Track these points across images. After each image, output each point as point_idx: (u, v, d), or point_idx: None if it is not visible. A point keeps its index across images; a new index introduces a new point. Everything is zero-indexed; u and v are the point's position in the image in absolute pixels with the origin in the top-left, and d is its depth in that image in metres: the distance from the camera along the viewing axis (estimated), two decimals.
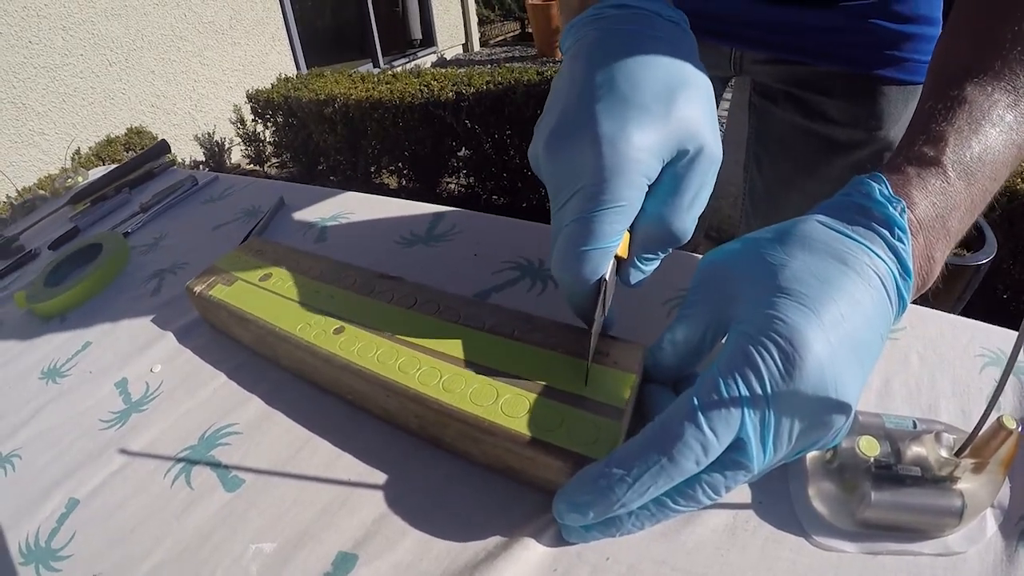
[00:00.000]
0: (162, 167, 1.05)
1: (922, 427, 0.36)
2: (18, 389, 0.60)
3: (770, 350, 0.30)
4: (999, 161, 0.37)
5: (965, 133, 0.36)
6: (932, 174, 0.35)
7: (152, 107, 3.69)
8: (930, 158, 0.36)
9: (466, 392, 0.40)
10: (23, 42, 2.97)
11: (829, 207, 0.36)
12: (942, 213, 0.35)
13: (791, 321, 0.30)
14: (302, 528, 0.40)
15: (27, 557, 0.43)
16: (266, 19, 4.32)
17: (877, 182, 0.35)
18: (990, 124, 0.36)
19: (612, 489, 0.31)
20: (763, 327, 0.31)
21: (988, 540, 0.34)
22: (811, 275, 0.32)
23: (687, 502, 0.32)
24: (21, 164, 3.05)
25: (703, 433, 0.29)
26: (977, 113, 0.37)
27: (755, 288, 0.33)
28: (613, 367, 0.41)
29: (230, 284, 0.56)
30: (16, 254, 0.88)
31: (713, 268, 0.37)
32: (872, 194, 0.34)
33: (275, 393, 0.51)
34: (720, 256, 0.37)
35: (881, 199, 0.34)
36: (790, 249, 0.33)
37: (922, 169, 0.35)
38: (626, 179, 0.35)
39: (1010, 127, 0.37)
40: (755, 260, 0.34)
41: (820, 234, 0.34)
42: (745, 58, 0.79)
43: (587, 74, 0.38)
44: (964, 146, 0.36)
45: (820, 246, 0.33)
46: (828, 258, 0.32)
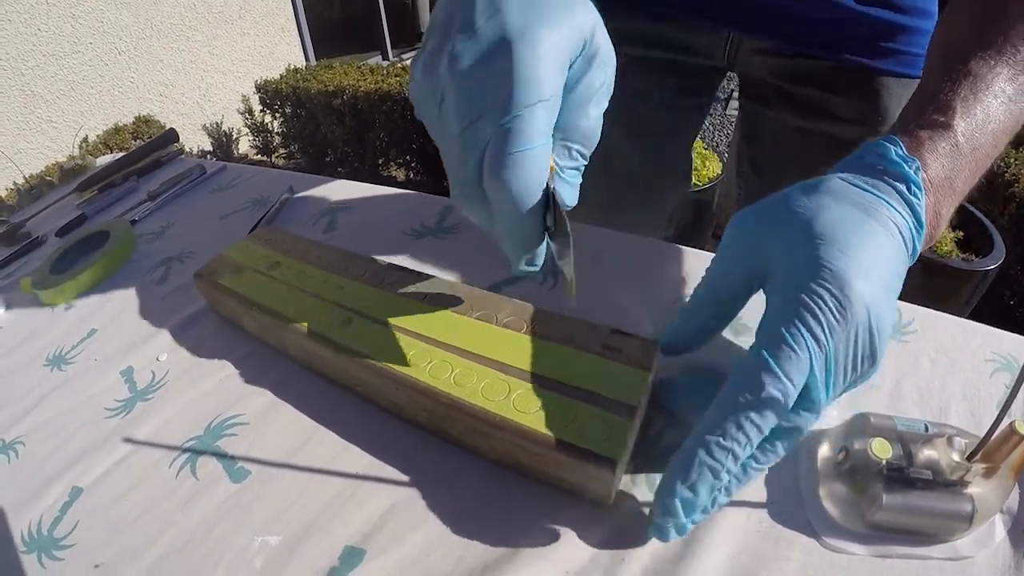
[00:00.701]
0: (170, 156, 1.05)
1: (934, 430, 0.36)
2: (23, 376, 0.60)
3: (824, 297, 0.32)
4: (1000, 129, 0.40)
5: (971, 102, 0.39)
6: (942, 138, 0.38)
7: (160, 96, 3.69)
8: (941, 123, 0.38)
9: (477, 386, 0.40)
10: (32, 30, 2.97)
11: (846, 166, 0.39)
12: (950, 175, 0.38)
13: (837, 268, 0.32)
14: (308, 521, 0.40)
15: (29, 546, 0.43)
16: (276, 10, 4.31)
17: (892, 144, 0.37)
18: (992, 96, 0.39)
19: (715, 459, 0.32)
20: (813, 275, 0.33)
21: (997, 545, 0.34)
22: (842, 223, 0.34)
23: (767, 458, 0.34)
24: (29, 151, 3.06)
25: (782, 382, 0.31)
26: (981, 85, 0.39)
27: (792, 239, 0.35)
28: (626, 364, 0.40)
29: (238, 273, 0.56)
30: (23, 241, 0.88)
31: (744, 223, 0.38)
32: (887, 155, 0.37)
33: (282, 384, 0.51)
34: (751, 212, 0.39)
35: (896, 159, 0.36)
36: (819, 200, 0.35)
37: (933, 133, 0.38)
38: (547, 71, 0.33)
39: (1010, 99, 0.40)
40: (787, 213, 0.36)
41: (843, 189, 0.36)
42: (742, 47, 0.77)
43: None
44: (970, 114, 0.39)
45: (845, 199, 0.35)
46: (853, 208, 0.35)
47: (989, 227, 2.00)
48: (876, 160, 0.37)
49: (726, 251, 0.39)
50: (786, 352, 0.31)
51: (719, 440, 0.32)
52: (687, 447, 0.33)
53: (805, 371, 0.31)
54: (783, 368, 0.31)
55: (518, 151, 0.32)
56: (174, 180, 0.92)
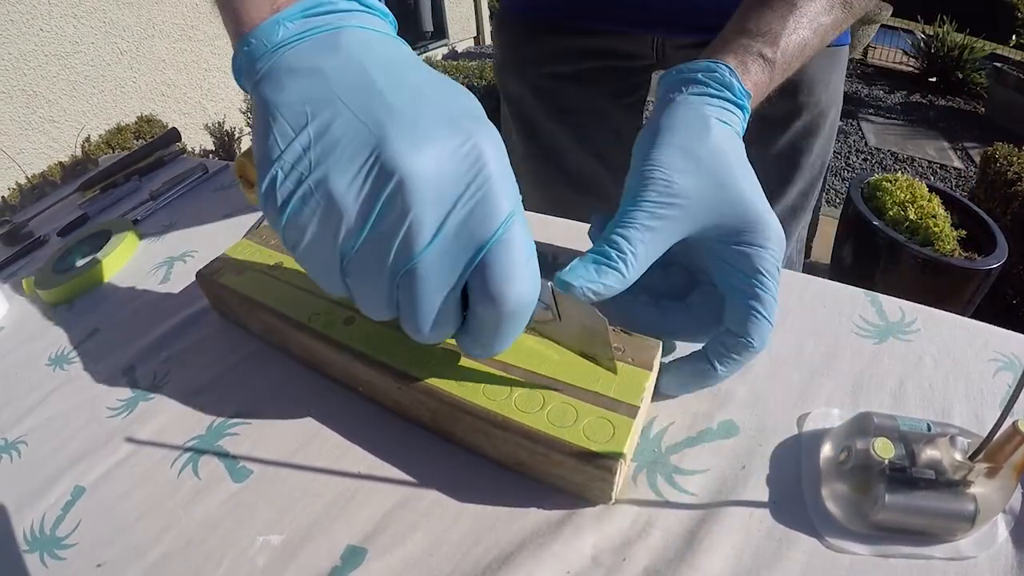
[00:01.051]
0: (172, 155, 1.05)
1: (936, 430, 0.36)
2: (25, 375, 0.60)
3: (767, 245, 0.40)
4: (810, 52, 0.51)
5: (792, 36, 0.48)
6: (766, 70, 0.47)
7: (162, 96, 3.69)
8: (768, 58, 0.47)
9: (479, 386, 0.40)
10: (34, 30, 2.97)
11: (706, 85, 0.44)
12: (765, 91, 0.48)
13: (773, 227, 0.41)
14: (311, 520, 0.40)
15: (32, 545, 0.43)
16: None
17: (735, 79, 0.44)
18: (810, 28, 0.49)
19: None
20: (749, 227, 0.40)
21: (999, 545, 0.34)
22: (742, 171, 0.42)
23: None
24: (31, 151, 3.06)
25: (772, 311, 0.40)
26: (803, 20, 0.49)
27: (730, 207, 0.41)
28: (629, 364, 0.40)
29: (240, 273, 0.56)
30: (25, 240, 0.88)
31: (675, 188, 0.41)
32: (734, 90, 0.44)
33: (285, 383, 0.51)
34: (677, 172, 0.41)
35: (740, 96, 0.45)
36: (724, 159, 0.41)
37: (761, 66, 0.47)
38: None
39: (825, 28, 0.51)
40: (710, 174, 0.41)
41: (728, 140, 0.42)
42: (668, 44, 0.79)
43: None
44: (790, 48, 0.48)
45: (730, 150, 0.42)
46: (735, 151, 0.42)
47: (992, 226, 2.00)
48: (726, 91, 0.44)
49: (660, 210, 0.40)
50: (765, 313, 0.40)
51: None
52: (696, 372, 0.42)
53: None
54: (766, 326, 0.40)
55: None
56: (176, 179, 0.92)
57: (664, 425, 0.43)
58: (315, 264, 0.33)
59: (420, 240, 0.30)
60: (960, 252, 1.93)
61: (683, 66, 0.46)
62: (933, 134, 4.15)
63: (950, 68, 4.81)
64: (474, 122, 0.32)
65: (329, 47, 0.32)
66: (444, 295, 0.32)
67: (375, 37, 0.34)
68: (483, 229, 0.31)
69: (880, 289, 0.53)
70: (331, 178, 0.30)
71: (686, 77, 0.45)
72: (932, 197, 2.07)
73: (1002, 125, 4.09)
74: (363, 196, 0.30)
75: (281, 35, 0.33)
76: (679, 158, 0.40)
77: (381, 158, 0.29)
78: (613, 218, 0.40)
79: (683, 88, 0.45)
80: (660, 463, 0.41)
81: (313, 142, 0.30)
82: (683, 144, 0.41)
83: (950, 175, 3.64)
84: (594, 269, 0.38)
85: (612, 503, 0.38)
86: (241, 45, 0.34)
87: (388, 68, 0.32)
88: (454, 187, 0.30)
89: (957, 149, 3.94)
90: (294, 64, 0.32)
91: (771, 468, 0.40)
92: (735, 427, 0.42)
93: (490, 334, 0.34)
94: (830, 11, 0.50)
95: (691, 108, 0.43)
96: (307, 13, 0.33)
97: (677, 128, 0.42)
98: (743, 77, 0.45)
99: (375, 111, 0.30)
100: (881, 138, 4.07)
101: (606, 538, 0.37)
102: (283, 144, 0.30)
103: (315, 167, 0.30)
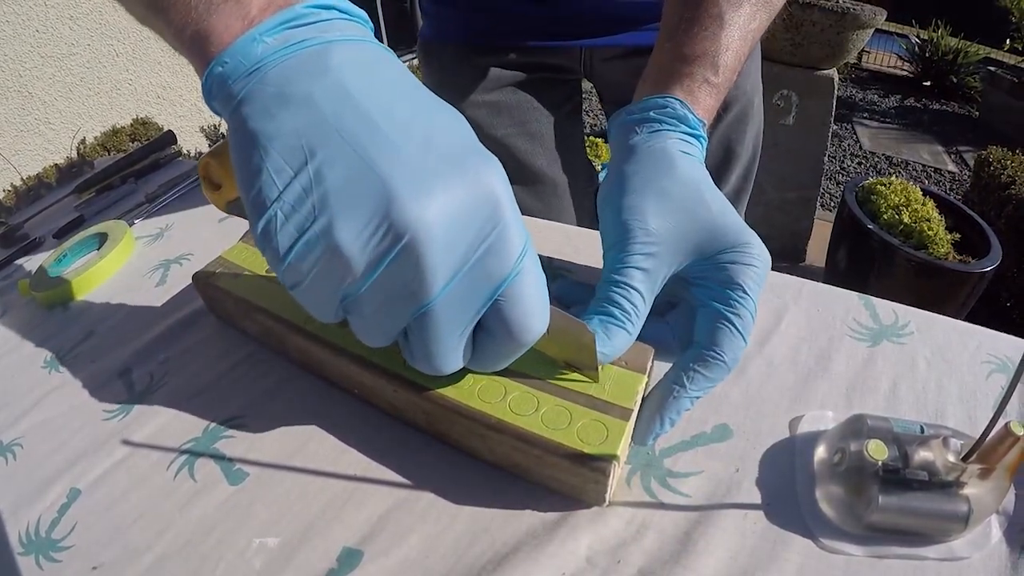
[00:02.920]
0: (168, 158, 1.05)
1: (930, 432, 0.36)
2: (20, 378, 0.60)
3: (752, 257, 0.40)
4: (743, 61, 0.51)
5: (728, 53, 0.48)
6: (712, 94, 0.48)
7: (158, 98, 3.68)
8: (713, 83, 0.48)
9: (474, 388, 0.40)
10: (30, 31, 2.96)
11: (663, 124, 0.45)
12: (712, 114, 0.49)
13: (751, 240, 0.41)
14: (307, 523, 0.40)
15: (27, 547, 0.43)
16: None
17: (688, 111, 0.46)
18: (741, 39, 0.49)
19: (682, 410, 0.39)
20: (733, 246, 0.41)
21: (993, 546, 0.35)
22: (712, 200, 0.42)
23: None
24: (26, 152, 3.05)
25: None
26: (734, 31, 0.49)
27: (706, 232, 0.41)
28: (623, 367, 0.41)
29: (237, 275, 0.55)
30: (20, 242, 0.88)
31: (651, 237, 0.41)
32: (688, 122, 0.45)
33: (281, 386, 0.51)
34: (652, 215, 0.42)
35: (696, 126, 0.46)
36: (692, 189, 0.42)
37: (708, 91, 0.47)
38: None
39: (754, 34, 0.51)
40: (684, 210, 0.42)
41: (692, 172, 0.43)
42: (595, 56, 0.81)
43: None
44: (728, 63, 0.48)
45: (696, 181, 0.43)
46: (708, 182, 0.43)
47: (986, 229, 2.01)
48: (681, 125, 0.45)
49: (646, 261, 0.40)
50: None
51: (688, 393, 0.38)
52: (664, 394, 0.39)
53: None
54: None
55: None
56: (173, 182, 0.92)
57: None
58: (313, 301, 0.32)
59: (433, 288, 0.29)
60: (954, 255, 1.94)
61: (632, 107, 0.47)
62: (927, 138, 4.16)
63: (944, 72, 4.83)
64: (477, 156, 0.31)
65: (318, 70, 0.30)
66: (457, 334, 0.32)
67: (365, 55, 0.32)
68: (499, 269, 0.30)
69: (874, 292, 0.53)
70: (337, 229, 0.28)
71: (638, 118, 0.46)
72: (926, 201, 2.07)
73: (996, 129, 4.10)
74: (371, 249, 0.28)
75: (260, 52, 0.30)
76: (651, 200, 0.41)
77: (391, 214, 0.28)
78: (603, 275, 0.41)
79: (638, 129, 0.45)
80: (654, 466, 0.41)
81: (314, 184, 0.28)
82: (652, 185, 0.42)
83: (944, 179, 3.66)
84: (604, 333, 0.39)
85: (607, 505, 0.38)
86: (213, 66, 0.31)
87: (385, 96, 0.31)
88: (467, 233, 0.29)
89: (951, 153, 3.95)
90: (283, 88, 0.29)
91: (765, 470, 0.40)
92: (729, 430, 0.43)
93: (501, 360, 0.35)
94: (754, 16, 0.51)
95: (651, 147, 0.44)
96: (287, 25, 0.31)
97: (642, 171, 0.43)
98: (694, 107, 0.46)
99: (377, 152, 0.28)
100: (875, 142, 4.08)
101: (601, 540, 0.37)
102: (281, 184, 0.28)
103: (319, 214, 0.28)
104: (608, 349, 0.38)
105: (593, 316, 0.39)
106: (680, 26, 0.49)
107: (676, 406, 0.38)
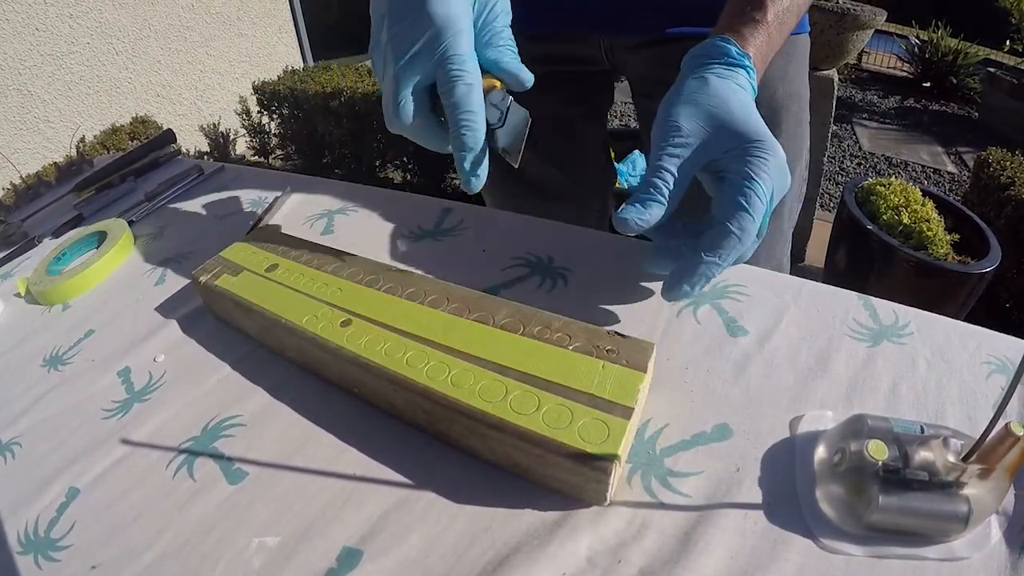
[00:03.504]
0: (167, 156, 1.05)
1: (930, 432, 0.36)
2: (19, 376, 0.60)
3: (764, 154, 0.47)
4: (800, 7, 0.59)
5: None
6: (759, 32, 0.55)
7: (157, 97, 3.68)
8: (757, 20, 0.55)
9: (475, 388, 0.40)
10: (30, 29, 2.96)
11: (703, 60, 0.53)
12: (765, 52, 0.56)
13: (759, 132, 0.48)
14: (306, 522, 0.40)
15: (26, 547, 0.43)
16: (274, 11, 4.30)
17: (731, 44, 0.53)
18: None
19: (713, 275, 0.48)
20: (751, 143, 0.48)
21: (993, 546, 0.34)
22: (744, 107, 0.49)
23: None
24: (25, 151, 3.05)
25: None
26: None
27: (726, 128, 0.49)
28: (623, 365, 0.41)
29: (236, 274, 0.56)
30: (19, 240, 0.88)
31: (678, 124, 0.49)
32: (731, 54, 0.52)
33: (280, 385, 0.51)
34: (680, 114, 0.50)
35: (738, 56, 0.53)
36: (726, 97, 0.50)
37: (754, 29, 0.55)
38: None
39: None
40: (710, 115, 0.49)
41: (725, 85, 0.51)
42: (615, 47, 0.80)
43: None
44: (777, 5, 0.56)
45: (732, 90, 0.50)
46: (739, 92, 0.51)
47: (985, 230, 2.01)
48: (724, 57, 0.52)
49: (677, 150, 0.48)
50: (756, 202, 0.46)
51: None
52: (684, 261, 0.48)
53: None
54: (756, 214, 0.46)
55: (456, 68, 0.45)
56: (172, 181, 0.92)
57: (658, 428, 0.43)
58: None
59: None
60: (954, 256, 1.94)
61: (693, 48, 0.55)
62: (927, 139, 4.16)
63: (944, 73, 4.83)
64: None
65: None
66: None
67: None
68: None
69: (874, 293, 0.53)
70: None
71: (692, 55, 0.55)
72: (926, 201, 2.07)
73: (996, 130, 4.10)
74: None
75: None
76: (685, 107, 0.50)
77: None
78: (647, 167, 0.50)
79: (691, 64, 0.54)
80: (654, 465, 0.41)
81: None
82: (688, 98, 0.50)
83: (944, 179, 3.65)
84: (640, 206, 0.47)
85: (607, 504, 0.38)
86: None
87: None
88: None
89: (951, 154, 3.95)
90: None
91: (765, 470, 0.40)
92: (729, 430, 0.43)
93: None
94: None
95: (695, 74, 0.52)
96: None
97: (684, 90, 0.51)
98: (738, 41, 0.53)
99: None
100: (875, 142, 4.08)
101: (601, 540, 0.37)
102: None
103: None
104: (645, 216, 0.47)
105: (634, 196, 0.48)
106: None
107: (694, 269, 0.47)
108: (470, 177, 0.46)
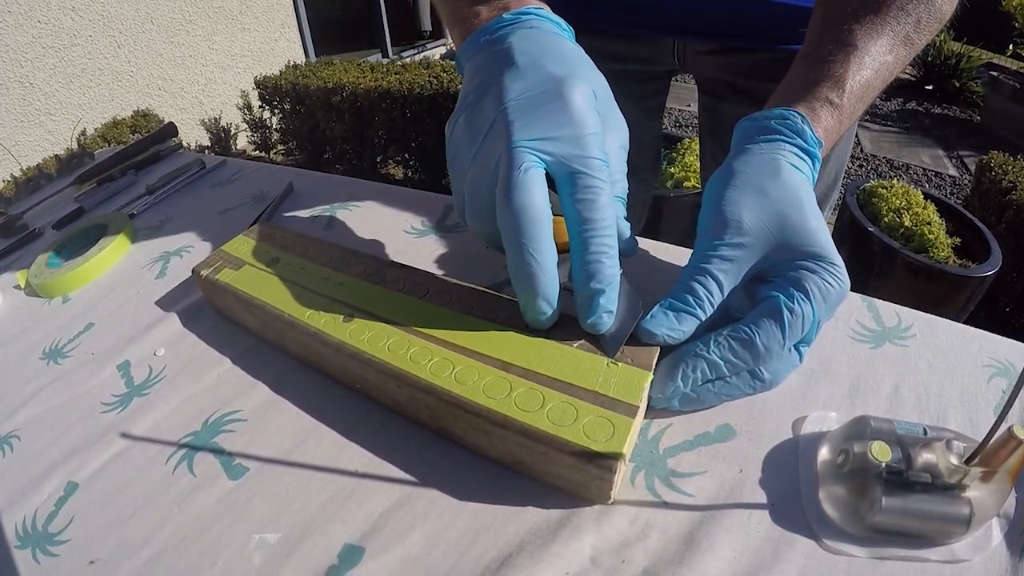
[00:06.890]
0: (169, 150, 1.04)
1: (932, 434, 0.36)
2: (18, 369, 0.60)
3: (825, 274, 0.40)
4: (874, 93, 0.50)
5: (856, 78, 0.48)
6: (833, 115, 0.47)
7: (159, 90, 3.68)
8: (834, 103, 0.47)
9: (479, 384, 0.40)
10: (32, 21, 2.96)
11: (778, 136, 0.46)
12: (833, 136, 0.48)
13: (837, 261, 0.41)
14: (307, 519, 0.40)
15: (24, 541, 0.42)
16: (276, 5, 4.30)
17: (807, 125, 0.46)
18: (873, 69, 0.49)
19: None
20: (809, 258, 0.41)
21: (994, 549, 0.35)
22: (807, 208, 0.42)
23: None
24: (27, 143, 3.05)
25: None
26: (867, 60, 0.48)
27: (788, 239, 0.41)
28: (627, 364, 0.41)
29: (237, 268, 0.55)
30: (20, 233, 0.88)
31: (741, 242, 0.42)
32: (806, 138, 0.45)
33: (281, 380, 0.51)
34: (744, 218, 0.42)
35: (812, 144, 0.46)
36: (791, 197, 0.42)
37: (830, 112, 0.47)
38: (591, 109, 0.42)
39: (888, 68, 0.50)
40: (776, 216, 0.42)
41: (795, 178, 0.44)
42: (688, 50, 0.80)
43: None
44: (855, 92, 0.48)
45: (798, 187, 0.43)
46: (803, 188, 0.43)
47: (986, 234, 2.01)
48: (796, 137, 0.46)
49: (733, 252, 0.41)
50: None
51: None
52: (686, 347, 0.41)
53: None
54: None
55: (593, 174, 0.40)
56: (173, 174, 0.92)
57: (662, 427, 0.43)
58: None
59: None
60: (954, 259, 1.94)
61: (757, 114, 0.48)
62: (929, 142, 4.16)
63: (947, 76, 4.83)
64: (568, 79, 0.42)
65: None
66: None
67: (536, 34, 0.45)
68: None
69: (874, 295, 0.53)
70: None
71: (759, 125, 0.47)
72: (927, 204, 2.07)
73: (998, 134, 4.11)
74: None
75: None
76: (750, 197, 0.42)
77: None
78: (690, 259, 0.43)
79: (756, 135, 0.47)
80: (658, 465, 0.41)
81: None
82: (754, 184, 0.43)
83: (945, 183, 3.66)
84: (674, 317, 0.41)
85: (610, 503, 0.38)
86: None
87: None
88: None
89: (952, 157, 3.95)
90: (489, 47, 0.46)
91: (769, 471, 0.40)
92: (732, 430, 0.43)
93: None
94: (891, 50, 0.49)
95: (764, 152, 0.45)
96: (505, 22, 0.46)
97: (749, 171, 0.44)
98: (814, 124, 0.46)
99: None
100: (877, 145, 4.08)
101: (605, 539, 0.37)
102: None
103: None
104: (676, 333, 0.41)
105: (667, 302, 0.42)
106: (815, 49, 0.50)
107: (692, 362, 0.40)
108: (540, 317, 0.41)
